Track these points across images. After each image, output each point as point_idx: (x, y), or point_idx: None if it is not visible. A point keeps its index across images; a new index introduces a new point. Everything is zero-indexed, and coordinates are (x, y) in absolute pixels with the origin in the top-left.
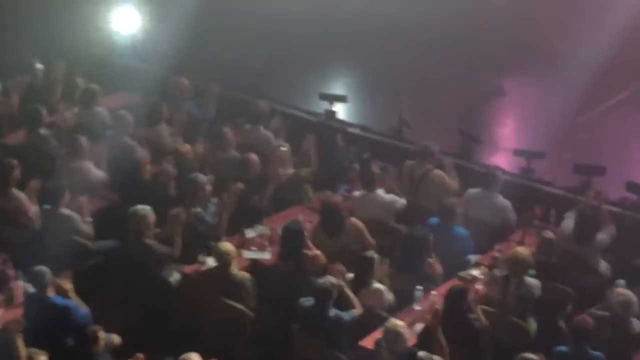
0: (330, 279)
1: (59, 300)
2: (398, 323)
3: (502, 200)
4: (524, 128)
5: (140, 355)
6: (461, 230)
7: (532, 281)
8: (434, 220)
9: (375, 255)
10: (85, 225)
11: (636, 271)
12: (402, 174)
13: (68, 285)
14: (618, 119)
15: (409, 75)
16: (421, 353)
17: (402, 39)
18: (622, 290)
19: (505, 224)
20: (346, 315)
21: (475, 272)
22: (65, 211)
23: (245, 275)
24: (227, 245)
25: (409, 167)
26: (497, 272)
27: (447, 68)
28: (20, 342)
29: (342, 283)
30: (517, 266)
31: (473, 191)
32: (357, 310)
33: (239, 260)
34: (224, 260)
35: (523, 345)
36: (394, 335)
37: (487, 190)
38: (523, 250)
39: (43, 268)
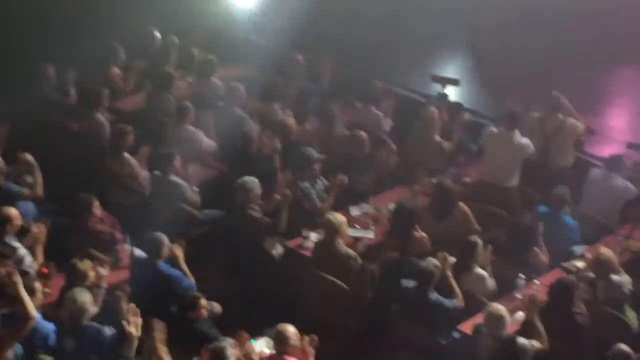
0: (433, 262)
1: (166, 268)
2: (500, 308)
3: (625, 183)
4: (638, 121)
5: (244, 333)
6: (570, 220)
7: (620, 279)
8: (543, 208)
9: (479, 241)
10: (193, 193)
11: None
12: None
13: (179, 252)
14: None
15: (522, 61)
16: (521, 339)
17: (520, 24)
18: None
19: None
20: (447, 302)
21: (579, 264)
22: (175, 178)
23: (350, 251)
24: (337, 215)
25: (539, 119)
26: (586, 273)
27: (562, 56)
28: (124, 307)
29: (446, 269)
30: (601, 268)
31: (597, 171)
32: (459, 301)
33: (344, 237)
34: (331, 229)
35: (625, 340)
36: (496, 320)
37: (610, 172)
38: (606, 252)
39: (160, 235)
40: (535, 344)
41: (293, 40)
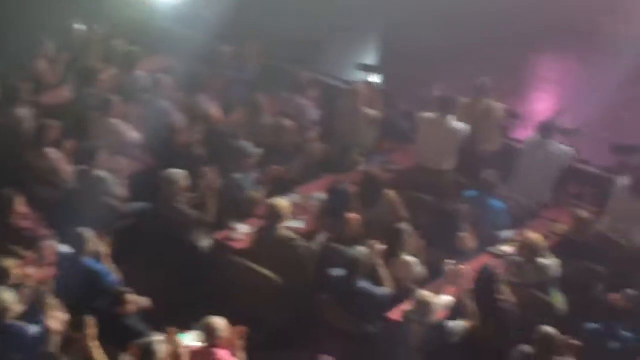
0: (362, 250)
1: (91, 264)
2: (427, 294)
3: (560, 147)
4: (561, 105)
5: (174, 328)
6: (498, 204)
7: (548, 262)
8: (471, 192)
9: (407, 228)
10: (119, 187)
11: None
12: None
13: (105, 247)
14: None
15: (442, 48)
16: (450, 323)
17: (436, 13)
18: None
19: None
20: (377, 290)
21: (506, 249)
22: (100, 172)
23: (292, 234)
24: (280, 201)
25: (467, 104)
26: (513, 257)
27: (487, 42)
28: (48, 303)
29: (375, 257)
30: (529, 251)
31: (530, 140)
32: (389, 289)
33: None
34: (274, 214)
35: (551, 321)
36: (424, 307)
37: (544, 139)
38: (533, 235)
39: (85, 230)
40: (464, 323)
41: (219, 31)
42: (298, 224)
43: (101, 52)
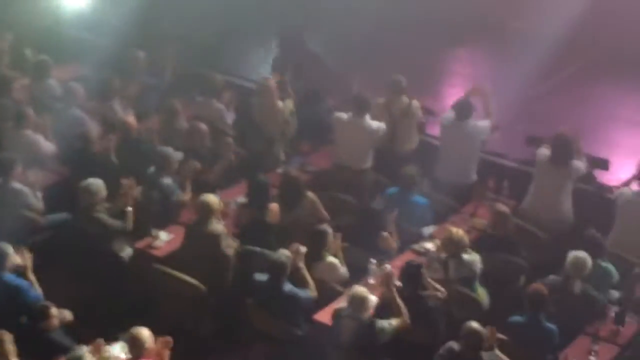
0: (284, 253)
1: (12, 279)
2: (364, 289)
3: (475, 123)
4: (475, 101)
5: (101, 340)
6: (421, 199)
7: (470, 258)
8: (393, 189)
9: (329, 229)
10: (36, 199)
11: None
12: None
13: (25, 261)
14: (567, 92)
15: (358, 46)
16: (379, 321)
17: (350, 8)
18: (577, 253)
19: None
20: (301, 292)
21: (428, 245)
22: (16, 185)
23: (221, 228)
24: (211, 197)
25: (384, 103)
26: (436, 254)
27: (396, 38)
28: None
29: (298, 260)
30: (452, 247)
31: (448, 120)
32: (313, 292)
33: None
34: (205, 210)
35: (476, 317)
36: (360, 302)
37: (460, 119)
38: (456, 231)
39: (3, 245)
40: (394, 322)
41: (129, 38)
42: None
43: (8, 61)
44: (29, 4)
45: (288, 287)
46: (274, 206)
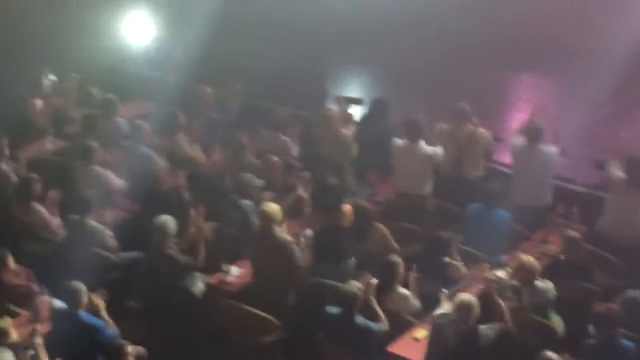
0: (356, 285)
1: (88, 318)
2: (469, 296)
3: (549, 148)
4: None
5: None
6: (504, 214)
7: (544, 285)
8: (475, 205)
9: (399, 260)
10: (111, 238)
11: None
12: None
13: (100, 302)
14: (636, 114)
15: (421, 74)
16: (482, 326)
17: (409, 36)
18: None
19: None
20: (375, 325)
21: (500, 274)
22: (93, 223)
23: (288, 238)
24: (271, 205)
25: (449, 130)
26: (508, 281)
27: (458, 65)
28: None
29: (369, 292)
30: (526, 275)
31: (520, 146)
32: (385, 325)
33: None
34: (267, 219)
35: (551, 345)
36: (467, 309)
37: (533, 143)
38: (528, 259)
39: (78, 284)
40: (495, 327)
41: (193, 73)
42: None
43: (76, 101)
44: (95, 43)
45: (360, 319)
46: (348, 208)
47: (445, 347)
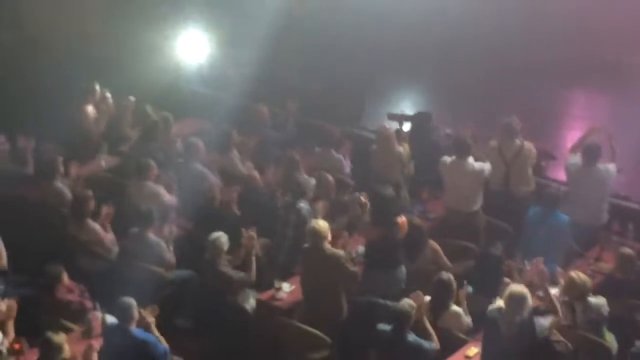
0: (408, 302)
1: (140, 334)
2: (522, 287)
3: (607, 166)
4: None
5: None
6: (563, 217)
7: (598, 301)
8: (535, 209)
9: (452, 277)
10: (169, 253)
11: None
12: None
13: (151, 318)
14: None
15: (471, 89)
16: (538, 318)
17: (459, 52)
18: None
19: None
20: (426, 343)
21: (553, 290)
22: (153, 237)
23: (338, 251)
24: (320, 223)
25: (498, 146)
26: (560, 298)
27: (510, 80)
28: None
29: (421, 310)
30: (577, 291)
31: (576, 165)
32: (436, 343)
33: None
34: (316, 237)
35: None
36: (519, 299)
37: (591, 162)
38: (580, 275)
39: (129, 300)
40: (550, 320)
41: (246, 90)
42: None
43: (131, 119)
44: (151, 62)
45: (412, 337)
46: (403, 221)
47: (500, 341)
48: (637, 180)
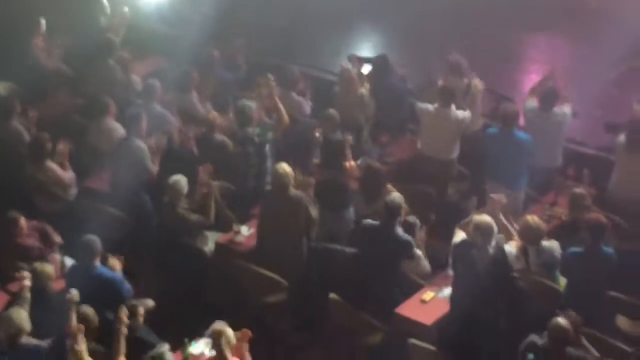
0: (397, 196)
1: (106, 271)
2: (486, 217)
3: (562, 109)
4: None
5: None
6: (524, 135)
7: (551, 244)
8: (492, 129)
9: (417, 221)
10: (152, 164)
11: None
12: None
13: (116, 262)
14: None
15: (432, 33)
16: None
17: None
18: None
19: None
20: (413, 240)
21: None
22: (139, 142)
23: (303, 195)
24: (284, 167)
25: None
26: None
27: (471, 25)
28: (72, 314)
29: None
30: (532, 234)
31: (531, 106)
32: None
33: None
34: (281, 180)
35: (557, 307)
36: (489, 229)
37: (546, 108)
38: (533, 219)
39: (93, 237)
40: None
41: (207, 30)
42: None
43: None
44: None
45: (400, 230)
46: (351, 165)
47: (474, 276)
48: (593, 126)
